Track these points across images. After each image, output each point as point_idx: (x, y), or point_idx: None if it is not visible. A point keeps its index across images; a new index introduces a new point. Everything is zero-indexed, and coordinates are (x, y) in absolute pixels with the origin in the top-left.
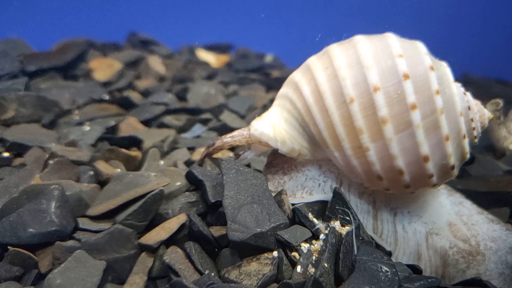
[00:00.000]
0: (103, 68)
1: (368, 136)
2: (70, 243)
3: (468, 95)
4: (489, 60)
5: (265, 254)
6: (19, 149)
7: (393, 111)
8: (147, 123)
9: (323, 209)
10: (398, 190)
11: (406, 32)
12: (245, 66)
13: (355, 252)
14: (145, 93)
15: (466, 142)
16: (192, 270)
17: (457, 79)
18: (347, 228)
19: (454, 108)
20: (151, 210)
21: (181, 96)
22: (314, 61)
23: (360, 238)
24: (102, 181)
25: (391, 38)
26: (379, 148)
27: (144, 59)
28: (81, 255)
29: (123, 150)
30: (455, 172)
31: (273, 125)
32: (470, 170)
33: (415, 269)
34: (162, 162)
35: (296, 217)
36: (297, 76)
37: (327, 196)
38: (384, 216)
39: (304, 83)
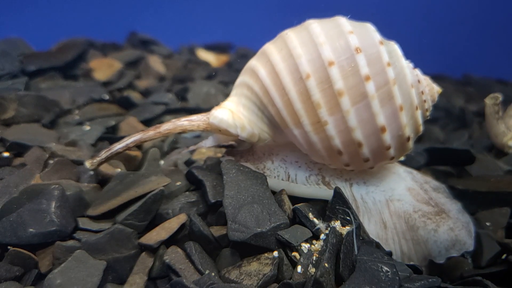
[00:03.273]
0: (103, 68)
1: (326, 109)
2: (70, 243)
3: (417, 70)
4: (489, 60)
5: (266, 254)
6: (19, 149)
7: (348, 84)
8: (147, 123)
9: (324, 209)
10: (358, 165)
11: (407, 32)
12: None
13: (356, 252)
14: (145, 93)
15: (419, 114)
16: (192, 270)
17: (457, 79)
18: (347, 228)
19: (405, 80)
20: (151, 210)
21: (181, 96)
22: (268, 46)
23: (361, 238)
24: (102, 181)
25: (341, 19)
26: (338, 121)
27: (144, 59)
28: (81, 255)
29: None
30: (411, 144)
31: (232, 112)
32: (470, 170)
33: (416, 269)
34: (162, 162)
35: (297, 217)
36: (252, 62)
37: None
38: (339, 186)
39: (260, 67)
